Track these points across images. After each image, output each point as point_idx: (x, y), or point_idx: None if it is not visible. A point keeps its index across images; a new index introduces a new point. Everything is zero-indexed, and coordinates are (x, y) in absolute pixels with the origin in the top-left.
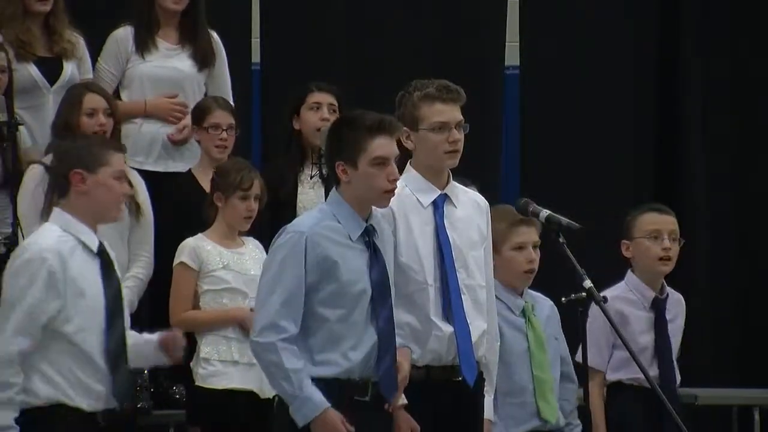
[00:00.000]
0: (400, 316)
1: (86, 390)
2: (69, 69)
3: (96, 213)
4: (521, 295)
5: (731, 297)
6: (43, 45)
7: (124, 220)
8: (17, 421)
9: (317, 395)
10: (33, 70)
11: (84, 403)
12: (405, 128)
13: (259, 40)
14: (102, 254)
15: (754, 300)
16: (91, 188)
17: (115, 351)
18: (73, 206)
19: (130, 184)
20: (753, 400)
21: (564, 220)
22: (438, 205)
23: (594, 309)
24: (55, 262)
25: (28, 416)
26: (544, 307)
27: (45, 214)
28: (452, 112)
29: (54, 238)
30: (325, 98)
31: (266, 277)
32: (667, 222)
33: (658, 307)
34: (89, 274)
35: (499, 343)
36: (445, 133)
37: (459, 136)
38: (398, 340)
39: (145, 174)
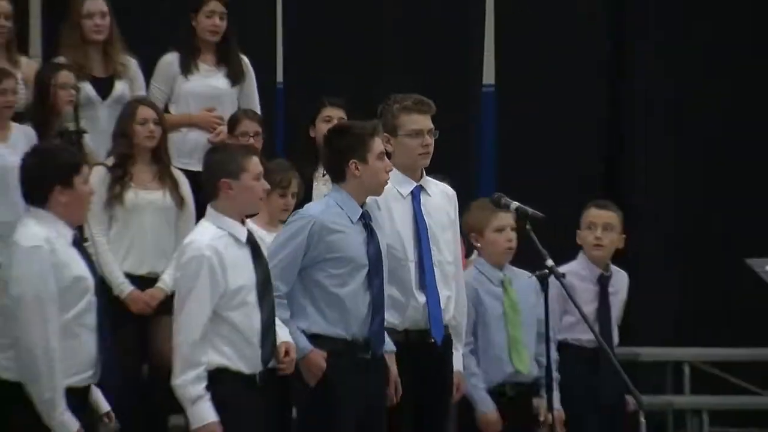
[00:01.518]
0: (385, 288)
1: (244, 356)
2: (120, 87)
3: (242, 210)
4: (502, 270)
5: (671, 277)
6: (100, 67)
7: (171, 210)
8: None
9: (302, 340)
10: (88, 87)
11: (243, 367)
12: (385, 134)
13: (282, 63)
14: (250, 242)
15: (689, 279)
16: (237, 193)
17: (266, 323)
18: (223, 207)
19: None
20: (684, 357)
21: (530, 210)
22: (415, 195)
23: (552, 282)
24: (213, 257)
25: None
26: (523, 279)
27: (108, 207)
28: (425, 122)
29: (209, 235)
30: (336, 112)
31: (274, 244)
32: (602, 216)
33: (602, 282)
34: (241, 261)
35: (466, 308)
36: (420, 138)
37: (430, 140)
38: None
39: (188, 173)
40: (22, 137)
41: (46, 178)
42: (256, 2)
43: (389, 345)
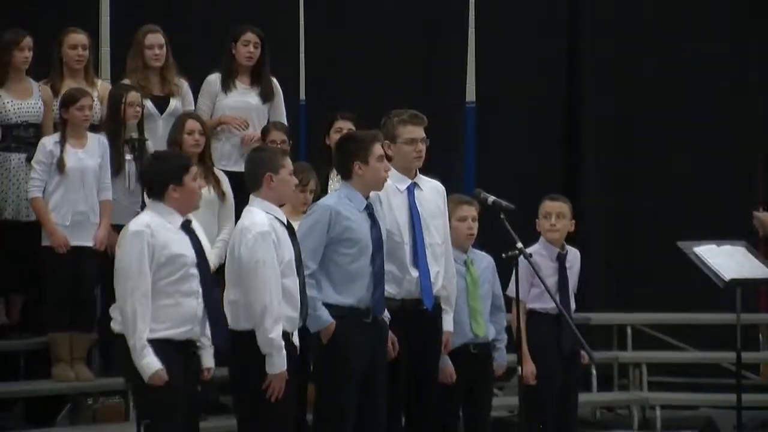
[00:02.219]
0: (385, 266)
1: (288, 317)
2: (174, 103)
3: (280, 199)
4: (465, 252)
5: (615, 252)
6: (157, 87)
7: (215, 202)
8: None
9: (325, 314)
10: (149, 104)
11: (287, 326)
12: (386, 141)
13: (304, 84)
14: (288, 225)
15: (631, 253)
16: (277, 184)
17: (302, 288)
18: (266, 195)
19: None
20: (628, 321)
21: (504, 202)
22: (410, 190)
23: (520, 260)
24: (272, 234)
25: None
26: (483, 260)
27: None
28: (419, 132)
29: (263, 216)
30: (346, 124)
31: (301, 231)
32: (554, 207)
33: (560, 259)
34: (284, 238)
35: (455, 279)
36: (414, 145)
37: (422, 147)
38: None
39: (228, 173)
40: (96, 144)
41: (163, 178)
42: (283, 34)
43: (386, 314)
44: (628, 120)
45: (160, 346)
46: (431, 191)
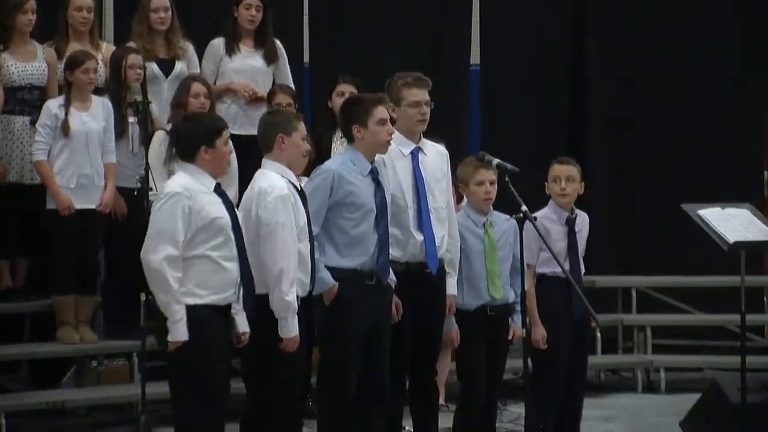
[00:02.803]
0: (390, 230)
1: (300, 282)
2: (179, 66)
3: (291, 162)
4: (485, 215)
5: (620, 216)
6: (163, 50)
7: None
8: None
9: (327, 276)
10: (154, 67)
11: (300, 290)
12: (391, 104)
13: (308, 47)
14: (300, 190)
15: (634, 217)
16: (288, 147)
17: (312, 254)
18: (277, 157)
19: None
20: (631, 283)
21: (509, 165)
22: (414, 155)
23: (527, 224)
24: (290, 197)
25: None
26: (505, 223)
27: (167, 163)
28: (423, 95)
29: (281, 179)
30: (348, 88)
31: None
32: (564, 170)
33: (569, 223)
34: (299, 203)
35: (460, 244)
36: (418, 108)
37: (426, 110)
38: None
39: (233, 136)
40: (101, 107)
41: (194, 140)
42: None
43: (391, 276)
44: (633, 80)
45: (205, 312)
46: (435, 155)
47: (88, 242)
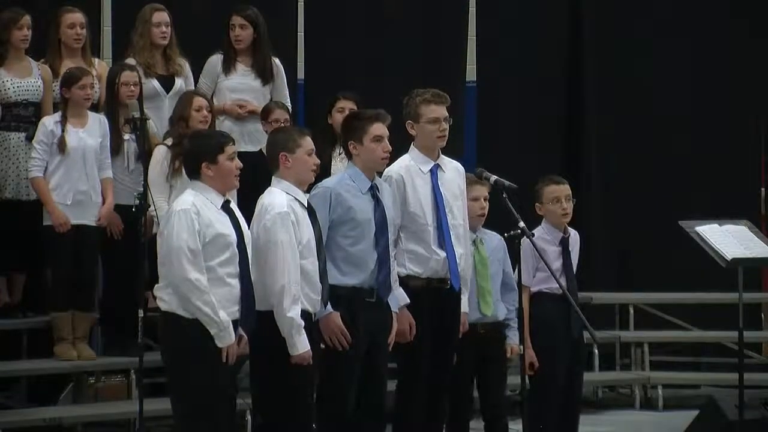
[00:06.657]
0: (410, 246)
1: (310, 299)
2: (179, 83)
3: (298, 179)
4: (475, 231)
5: (617, 232)
6: (162, 66)
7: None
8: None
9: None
10: (155, 83)
11: (309, 307)
12: (409, 120)
13: (303, 63)
14: (308, 206)
15: (631, 234)
16: (293, 164)
17: (322, 271)
18: (285, 175)
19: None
20: (629, 300)
21: (506, 182)
22: (433, 172)
23: (524, 242)
24: (292, 215)
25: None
26: (493, 239)
27: (170, 178)
28: (442, 111)
29: (283, 197)
30: (348, 104)
31: None
32: (563, 190)
33: (564, 243)
34: (304, 220)
35: (471, 260)
36: (437, 125)
37: (446, 126)
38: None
39: None
40: (97, 123)
41: (197, 157)
42: (283, 15)
43: (404, 298)
44: (631, 98)
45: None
46: (453, 172)
47: (85, 259)
